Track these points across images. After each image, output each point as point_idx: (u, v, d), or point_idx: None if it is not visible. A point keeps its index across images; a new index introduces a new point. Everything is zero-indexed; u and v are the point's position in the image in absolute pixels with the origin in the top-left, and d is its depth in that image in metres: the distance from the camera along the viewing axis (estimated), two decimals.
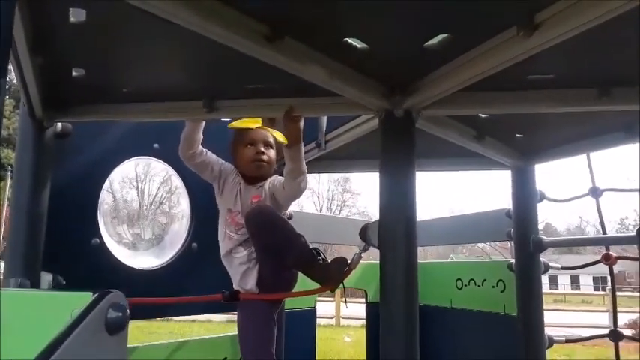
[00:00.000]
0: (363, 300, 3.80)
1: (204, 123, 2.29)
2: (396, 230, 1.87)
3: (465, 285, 3.28)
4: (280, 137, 2.21)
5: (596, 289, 39.23)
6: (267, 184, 2.32)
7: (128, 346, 2.48)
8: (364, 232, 1.92)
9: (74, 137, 2.20)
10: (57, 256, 2.04)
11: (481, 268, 3.28)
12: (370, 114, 2.18)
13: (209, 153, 2.36)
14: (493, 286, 3.06)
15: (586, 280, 43.80)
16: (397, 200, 1.92)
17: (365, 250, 1.99)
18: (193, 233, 2.58)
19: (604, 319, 13.36)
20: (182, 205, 2.73)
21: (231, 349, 2.66)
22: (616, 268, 3.15)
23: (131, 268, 2.32)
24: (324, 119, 2.60)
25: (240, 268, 2.23)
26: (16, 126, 2.39)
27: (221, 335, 2.83)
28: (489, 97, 1.99)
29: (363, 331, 10.75)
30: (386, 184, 1.94)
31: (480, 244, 34.61)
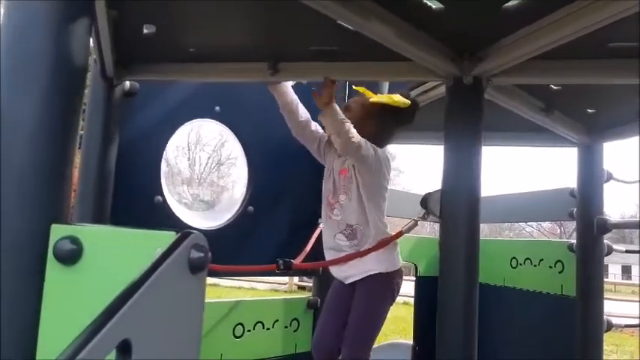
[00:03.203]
0: (405, 276, 3.77)
1: (287, 84, 2.20)
2: (459, 203, 1.83)
3: (520, 264, 3.19)
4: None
5: None
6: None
7: None
8: (425, 201, 1.89)
9: (140, 96, 2.24)
10: (122, 211, 2.10)
11: (538, 248, 3.18)
12: (437, 80, 2.12)
13: (318, 127, 2.28)
14: (551, 267, 2.97)
15: (638, 271, 42.11)
16: (462, 172, 1.87)
17: (424, 218, 1.96)
18: (250, 197, 2.61)
19: None
20: (232, 176, 2.74)
21: (282, 312, 2.70)
22: None
23: (190, 228, 2.37)
24: (386, 87, 2.55)
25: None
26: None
27: (273, 298, 2.88)
28: (565, 66, 1.89)
29: (403, 308, 10.73)
30: (451, 154, 1.90)
31: (529, 229, 33.78)
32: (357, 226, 2.14)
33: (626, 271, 42.92)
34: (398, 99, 2.13)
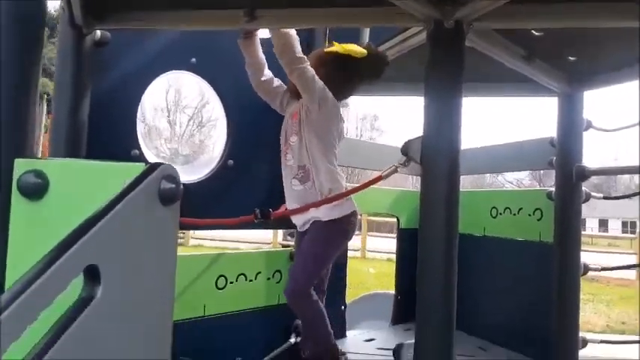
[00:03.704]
0: (388, 234, 3.82)
1: (258, 43, 2.32)
2: (439, 153, 1.81)
3: (500, 214, 3.24)
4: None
5: (624, 232, 38.82)
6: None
7: None
8: (406, 147, 1.88)
9: (112, 47, 2.17)
10: None
11: (518, 197, 3.23)
12: (418, 26, 2.08)
13: (281, 83, 2.42)
14: (530, 215, 3.01)
15: (615, 225, 43.31)
16: (443, 120, 1.84)
17: (405, 165, 1.95)
18: (230, 151, 2.57)
19: (631, 261, 13.26)
20: (212, 138, 2.72)
21: (265, 264, 2.72)
22: None
23: None
24: (366, 35, 2.50)
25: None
26: (50, 56, 2.38)
27: (256, 250, 2.89)
28: (548, 10, 1.86)
29: (387, 264, 10.93)
30: (431, 102, 1.86)
31: (508, 185, 34.34)
32: (309, 166, 2.28)
33: (603, 224, 44.08)
34: (350, 48, 2.22)
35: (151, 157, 2.31)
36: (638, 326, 5.67)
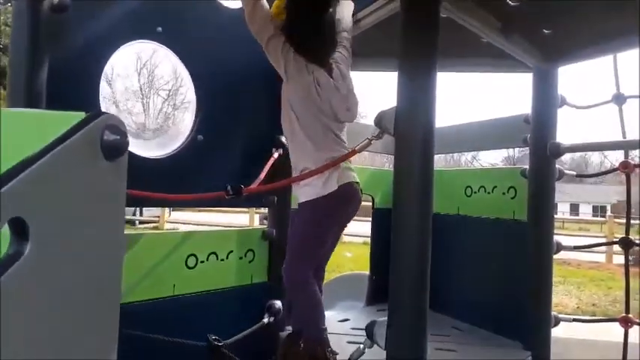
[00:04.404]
0: (364, 218, 3.79)
1: None
2: (413, 129, 1.75)
3: (475, 192, 3.23)
4: None
5: (594, 216, 39.72)
6: None
7: (135, 233, 2.45)
8: (379, 120, 1.82)
9: (72, 13, 2.04)
10: None
11: (492, 175, 3.21)
12: None
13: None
14: (504, 193, 3.00)
15: (586, 209, 44.29)
16: (417, 91, 1.79)
17: (378, 137, 1.90)
18: (199, 125, 2.48)
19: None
20: (186, 121, 2.61)
21: (236, 243, 2.65)
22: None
23: (135, 157, 2.24)
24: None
25: None
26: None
27: (227, 229, 2.82)
28: None
29: (363, 248, 10.96)
30: (405, 73, 1.81)
31: (486, 165, 34.74)
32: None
33: (574, 209, 45.04)
34: None
35: None
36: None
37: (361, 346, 1.78)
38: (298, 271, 2.22)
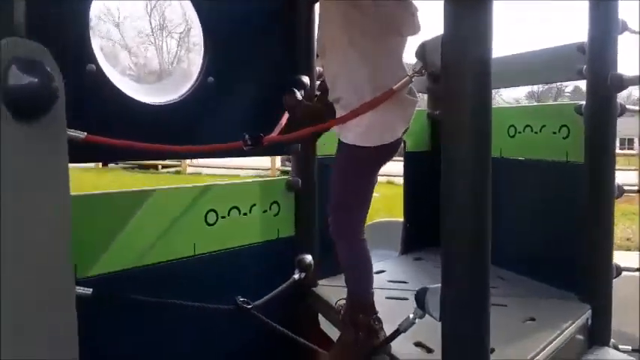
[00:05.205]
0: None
1: None
2: (465, 59, 1.38)
3: (519, 132, 2.89)
4: None
5: (622, 149, 38.50)
6: None
7: (147, 188, 2.18)
8: (422, 50, 1.51)
9: None
10: None
11: (540, 113, 2.87)
12: None
13: None
14: (554, 132, 2.67)
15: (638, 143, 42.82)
16: (469, 21, 1.42)
17: (420, 73, 1.58)
18: (208, 66, 2.19)
19: (630, 178, 13.07)
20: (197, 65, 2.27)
21: (259, 195, 2.43)
22: None
23: (138, 104, 1.98)
24: None
25: None
26: None
27: (248, 180, 2.58)
28: None
29: (387, 187, 10.73)
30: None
31: (502, 102, 33.26)
32: None
33: (624, 143, 43.56)
34: None
35: (115, 76, 1.93)
36: None
37: (411, 315, 1.55)
38: (339, 218, 1.92)
